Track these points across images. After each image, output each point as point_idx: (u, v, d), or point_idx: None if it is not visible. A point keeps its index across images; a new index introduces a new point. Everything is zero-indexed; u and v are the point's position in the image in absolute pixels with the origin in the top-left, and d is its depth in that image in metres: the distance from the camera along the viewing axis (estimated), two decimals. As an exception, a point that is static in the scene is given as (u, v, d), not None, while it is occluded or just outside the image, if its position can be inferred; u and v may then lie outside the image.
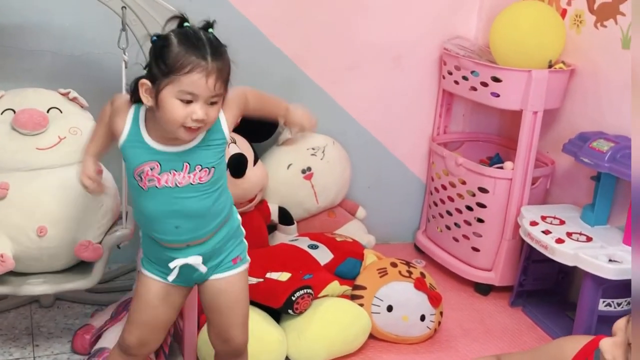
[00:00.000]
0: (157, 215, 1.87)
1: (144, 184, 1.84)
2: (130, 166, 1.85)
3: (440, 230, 3.33)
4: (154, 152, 1.82)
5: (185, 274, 1.94)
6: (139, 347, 2.02)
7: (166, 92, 1.73)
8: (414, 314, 2.68)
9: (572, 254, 2.60)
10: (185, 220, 1.87)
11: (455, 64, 3.19)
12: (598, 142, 2.71)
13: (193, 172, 1.83)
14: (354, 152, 3.34)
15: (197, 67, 1.70)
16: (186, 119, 1.73)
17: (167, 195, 1.84)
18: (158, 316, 2.00)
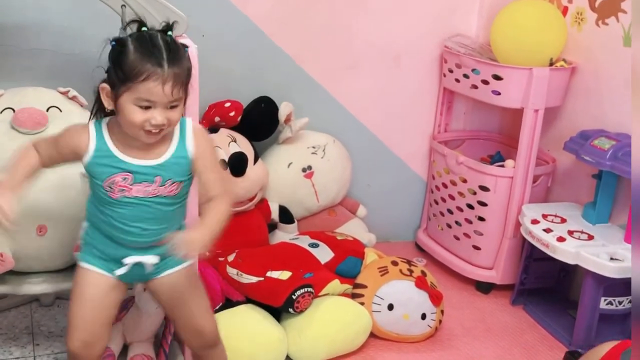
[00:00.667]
0: (124, 221, 1.86)
1: (114, 194, 1.83)
2: (100, 179, 1.84)
3: (441, 229, 3.32)
4: (126, 165, 1.83)
5: (133, 270, 1.93)
6: (84, 349, 1.95)
7: (124, 99, 1.73)
8: (415, 313, 2.67)
9: (574, 252, 2.59)
10: (152, 225, 1.88)
11: (456, 62, 3.18)
12: (599, 140, 2.70)
13: (164, 185, 1.85)
14: (354, 151, 3.33)
15: (152, 74, 1.70)
16: (145, 124, 1.74)
17: (137, 204, 1.85)
18: (101, 312, 1.95)
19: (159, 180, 1.84)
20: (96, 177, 1.85)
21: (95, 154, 1.83)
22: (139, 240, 1.90)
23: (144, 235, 1.89)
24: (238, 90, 2.99)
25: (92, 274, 1.95)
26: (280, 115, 3.04)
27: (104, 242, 1.93)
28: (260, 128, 3.06)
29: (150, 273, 1.98)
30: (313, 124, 3.15)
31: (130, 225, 1.87)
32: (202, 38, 2.04)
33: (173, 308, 2.04)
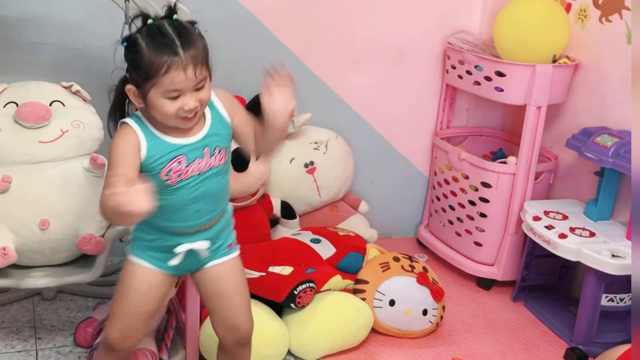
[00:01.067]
0: (180, 205, 1.86)
1: (172, 181, 1.83)
2: (157, 170, 1.82)
3: (443, 225, 3.33)
4: (178, 147, 1.83)
5: (186, 260, 1.94)
6: (121, 341, 1.97)
7: (152, 94, 1.74)
8: (416, 309, 2.68)
9: (575, 249, 2.60)
10: (205, 203, 1.88)
11: (459, 59, 3.18)
12: (602, 138, 2.70)
13: (213, 156, 1.87)
14: (357, 147, 3.33)
15: (172, 65, 1.70)
16: (179, 112, 1.75)
17: (192, 184, 1.85)
18: (145, 305, 1.96)
19: (207, 152, 1.85)
20: (155, 169, 1.83)
21: (149, 147, 1.82)
22: (192, 223, 1.89)
23: (198, 217, 1.89)
24: (241, 86, 2.99)
25: (141, 269, 1.95)
26: (283, 110, 3.04)
27: (150, 234, 1.92)
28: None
29: (202, 262, 1.97)
30: (316, 119, 3.15)
31: (185, 209, 1.87)
32: (205, 33, 2.04)
33: (214, 300, 2.03)
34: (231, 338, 2.07)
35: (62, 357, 2.49)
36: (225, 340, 2.09)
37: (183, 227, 1.90)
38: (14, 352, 2.51)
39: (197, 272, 2.02)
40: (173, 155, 1.83)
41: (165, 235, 1.92)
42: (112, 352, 2.00)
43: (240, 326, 2.04)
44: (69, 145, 2.39)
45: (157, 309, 2.04)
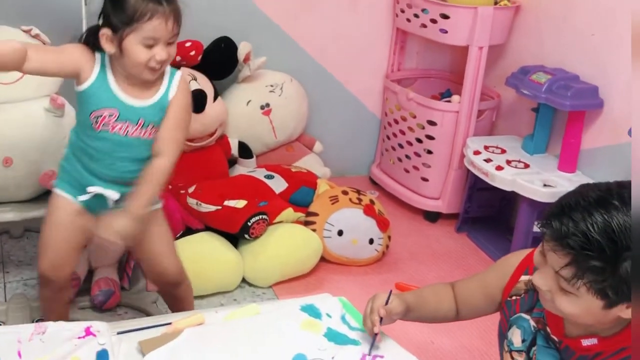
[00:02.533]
0: (100, 154, 1.97)
1: (97, 126, 1.93)
2: (89, 108, 1.93)
3: (393, 163, 3.50)
4: (117, 100, 1.93)
5: (96, 202, 2.02)
6: (53, 271, 2.07)
7: (129, 40, 1.84)
8: (363, 238, 2.86)
9: (510, 179, 2.78)
10: (124, 163, 1.98)
11: (407, 2, 3.31)
12: (537, 75, 2.86)
13: (145, 129, 1.95)
14: (311, 89, 3.46)
15: (156, 13, 1.82)
16: (150, 61, 1.86)
17: (116, 140, 1.95)
18: (68, 236, 2.06)
19: (141, 122, 1.94)
20: (87, 104, 1.93)
21: (95, 82, 1.92)
22: (106, 172, 2.00)
23: (111, 169, 1.99)
24: (198, 31, 3.07)
25: (62, 199, 2.06)
26: (239, 54, 3.16)
27: (76, 170, 2.03)
28: (220, 67, 3.18)
29: (112, 209, 2.05)
30: (271, 63, 3.28)
31: (102, 158, 1.97)
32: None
33: (137, 247, 2.14)
34: (162, 281, 2.21)
35: (29, 289, 2.64)
36: (158, 284, 2.25)
37: (97, 170, 1.99)
38: (-17, 285, 2.66)
39: None
40: (109, 104, 1.92)
41: (84, 171, 2.01)
42: (48, 284, 2.11)
43: (166, 269, 2.16)
44: (29, 86, 2.50)
45: (81, 240, 2.10)
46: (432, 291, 1.75)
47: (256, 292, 2.72)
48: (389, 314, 1.60)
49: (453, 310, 1.73)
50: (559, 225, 1.34)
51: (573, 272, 1.33)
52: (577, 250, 1.31)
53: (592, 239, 1.30)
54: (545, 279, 1.39)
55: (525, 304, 1.58)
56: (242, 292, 2.71)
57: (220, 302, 2.64)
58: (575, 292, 1.34)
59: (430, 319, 1.75)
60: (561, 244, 1.33)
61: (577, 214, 1.33)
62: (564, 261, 1.33)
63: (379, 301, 1.61)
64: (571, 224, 1.32)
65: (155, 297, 2.61)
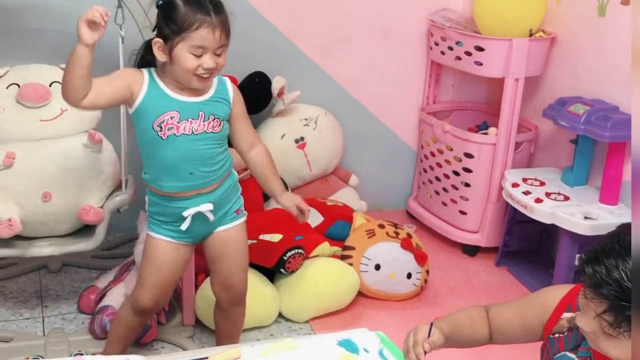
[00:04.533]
0: (174, 163, 2.05)
1: (164, 134, 2.02)
2: (151, 119, 2.02)
3: (430, 196, 3.47)
4: (174, 102, 2.03)
5: (196, 225, 2.12)
6: (153, 307, 2.22)
7: (179, 49, 1.96)
8: (401, 272, 2.82)
9: (550, 212, 2.74)
10: (198, 166, 2.06)
11: (441, 35, 3.31)
12: (575, 106, 2.83)
13: (207, 121, 2.05)
14: (346, 123, 3.47)
15: (204, 23, 1.94)
16: (198, 69, 1.97)
17: (184, 143, 2.04)
18: (169, 275, 2.19)
19: (202, 115, 2.04)
20: (146, 117, 2.02)
21: (147, 93, 2.02)
22: (189, 185, 2.07)
23: (192, 179, 2.07)
24: (233, 66, 3.08)
25: (158, 242, 2.15)
26: (273, 89, 3.18)
27: (159, 204, 2.12)
28: (254, 102, 3.19)
29: (213, 227, 2.16)
30: (305, 97, 3.29)
31: (178, 168, 2.05)
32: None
33: (215, 261, 2.23)
34: (226, 296, 2.27)
35: (67, 323, 2.65)
36: (221, 299, 2.29)
37: (180, 187, 2.07)
38: (22, 319, 2.67)
39: (208, 236, 2.20)
40: (167, 107, 2.01)
41: (169, 202, 2.10)
42: (143, 315, 2.23)
43: (235, 285, 2.25)
44: (68, 123, 2.54)
45: (181, 271, 2.25)
46: (466, 317, 1.71)
47: (293, 327, 2.70)
48: (432, 347, 1.57)
49: (487, 336, 1.70)
50: (592, 273, 1.31)
51: (612, 319, 1.30)
52: (612, 300, 1.28)
53: (626, 289, 1.26)
54: (588, 321, 1.36)
55: (570, 342, 1.54)
56: (278, 327, 2.69)
57: (257, 337, 2.62)
58: (617, 337, 1.31)
59: (464, 345, 1.72)
60: (596, 292, 1.30)
61: (611, 260, 1.29)
62: (602, 308, 1.30)
63: (421, 334, 1.58)
64: (604, 271, 1.29)
65: (192, 332, 2.60)
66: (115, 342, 2.28)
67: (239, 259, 2.24)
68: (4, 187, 2.41)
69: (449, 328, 1.64)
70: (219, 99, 2.09)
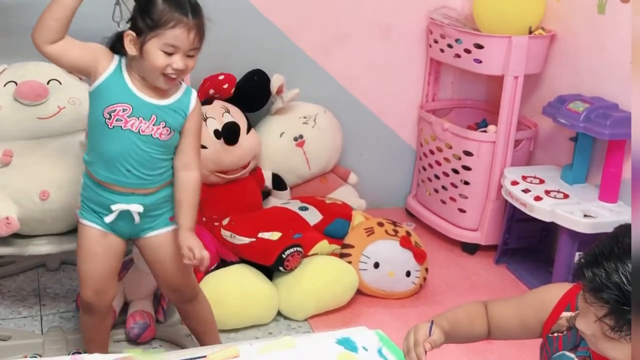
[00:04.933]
0: (114, 155, 2.02)
1: (111, 123, 1.99)
2: (104, 104, 2.00)
3: (429, 194, 3.46)
4: (131, 95, 2.00)
5: (122, 222, 2.10)
6: (96, 297, 2.16)
7: (151, 44, 1.93)
8: (400, 270, 2.82)
9: (549, 210, 2.73)
10: (137, 166, 2.04)
11: (440, 33, 3.30)
12: (574, 104, 2.82)
13: (157, 126, 2.02)
14: (345, 121, 3.45)
15: (180, 22, 1.92)
16: (167, 68, 1.94)
17: (128, 139, 2.01)
18: (104, 262, 2.15)
19: (153, 118, 2.01)
20: (101, 100, 2.00)
21: (109, 78, 2.00)
22: (124, 181, 2.04)
23: (128, 176, 2.04)
24: (231, 64, 3.12)
25: (89, 229, 2.13)
26: (272, 87, 3.17)
27: (95, 192, 2.09)
28: (253, 99, 3.19)
29: (140, 229, 2.13)
30: (304, 95, 3.28)
31: (118, 163, 2.02)
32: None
33: (154, 266, 2.22)
34: (175, 298, 2.28)
35: (65, 321, 2.65)
36: (172, 300, 2.33)
37: (114, 180, 2.05)
38: (20, 318, 2.67)
39: (139, 239, 2.18)
40: (123, 98, 1.99)
41: (102, 191, 2.07)
42: (92, 312, 2.19)
43: (180, 287, 2.23)
44: (66, 120, 2.53)
45: (116, 264, 2.20)
46: (465, 313, 1.70)
47: (291, 325, 2.69)
48: (433, 346, 1.56)
49: (485, 332, 1.70)
50: (592, 277, 1.30)
51: (613, 323, 1.29)
52: (613, 304, 1.27)
53: (627, 292, 1.25)
54: (588, 324, 1.35)
55: (569, 341, 1.53)
56: (277, 325, 2.68)
57: (255, 335, 2.61)
58: (618, 339, 1.30)
59: (463, 340, 1.71)
60: (596, 296, 1.29)
61: (611, 264, 1.28)
62: (603, 312, 1.29)
63: (422, 333, 1.57)
64: (604, 274, 1.28)
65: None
66: (87, 343, 2.28)
67: (176, 262, 2.16)
68: (1, 186, 2.40)
69: (449, 325, 1.63)
70: (177, 109, 2.05)
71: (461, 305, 1.75)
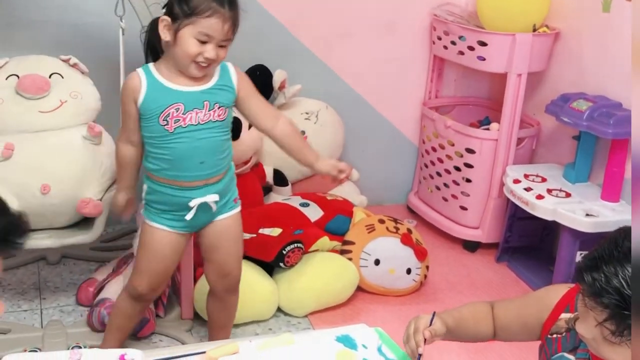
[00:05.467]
0: (185, 154, 2.04)
1: (170, 127, 2.01)
2: (156, 113, 2.01)
3: (431, 191, 3.45)
4: (177, 94, 2.02)
5: (198, 215, 2.11)
6: (150, 293, 2.22)
7: (185, 31, 1.95)
8: (401, 268, 2.81)
9: (551, 209, 2.72)
10: (208, 155, 2.06)
11: (444, 30, 3.29)
12: (578, 102, 2.81)
13: (212, 110, 2.04)
14: (348, 117, 3.44)
15: (216, 12, 1.94)
16: (198, 57, 1.96)
17: (192, 133, 2.03)
18: (166, 264, 2.19)
19: (207, 105, 2.03)
20: (153, 112, 2.01)
21: (148, 90, 2.02)
22: (198, 174, 2.06)
23: (202, 168, 2.06)
24: (234, 59, 3.09)
25: (156, 231, 2.14)
26: (275, 82, 3.16)
27: (162, 195, 2.10)
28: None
29: (212, 215, 2.15)
30: (306, 91, 3.27)
31: (189, 159, 2.04)
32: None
33: (212, 250, 2.22)
34: (222, 285, 2.27)
35: (65, 315, 2.65)
36: (217, 287, 2.29)
37: (190, 177, 2.06)
38: (20, 311, 2.67)
39: (206, 226, 2.18)
40: (171, 100, 2.01)
41: (175, 191, 2.08)
42: (139, 302, 2.23)
43: (231, 273, 2.25)
44: (67, 114, 2.52)
45: (178, 260, 2.25)
46: (471, 313, 1.69)
47: (292, 321, 2.69)
48: (433, 335, 1.55)
49: (491, 333, 1.69)
50: (591, 281, 1.28)
51: (613, 327, 1.27)
52: (613, 309, 1.26)
53: (626, 297, 1.24)
54: (588, 328, 1.34)
55: (568, 343, 1.52)
56: (277, 321, 2.68)
57: (255, 331, 2.61)
58: (619, 344, 1.29)
59: (468, 339, 1.71)
60: (596, 301, 1.28)
61: (610, 268, 1.26)
62: (603, 316, 1.28)
63: (423, 322, 1.57)
64: (604, 279, 1.26)
65: (190, 325, 2.59)
66: (114, 331, 2.28)
67: (235, 247, 2.24)
68: (2, 179, 2.39)
69: (454, 321, 1.63)
70: (222, 87, 2.07)
71: (467, 304, 1.74)
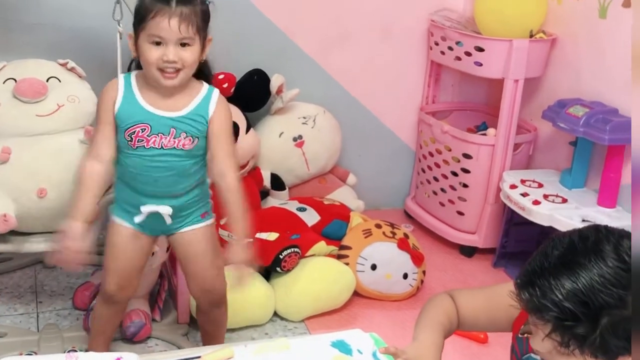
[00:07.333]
0: (140, 170, 2.03)
1: (134, 144, 2.00)
2: (123, 127, 2.00)
3: (428, 196, 3.46)
4: (146, 114, 1.99)
5: (152, 221, 2.09)
6: (118, 292, 2.17)
7: (141, 40, 1.93)
8: (397, 272, 2.81)
9: (548, 214, 2.73)
10: (165, 176, 2.03)
11: (441, 35, 3.29)
12: (574, 108, 2.82)
13: (178, 138, 2.00)
14: (345, 122, 3.45)
15: (160, 11, 1.89)
16: (159, 61, 1.91)
17: (153, 156, 2.00)
18: (130, 260, 2.15)
19: (173, 132, 1.99)
20: (122, 125, 1.99)
21: (123, 101, 1.99)
22: (152, 189, 2.04)
23: (156, 185, 2.04)
24: (231, 64, 3.11)
25: (118, 226, 2.13)
26: (272, 86, 3.17)
27: (126, 192, 2.09)
28: (252, 99, 3.19)
29: (171, 227, 2.12)
30: (304, 95, 3.28)
31: (144, 174, 2.02)
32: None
33: (188, 264, 2.19)
34: (205, 299, 2.23)
35: (62, 319, 2.65)
36: (201, 302, 2.26)
37: (144, 189, 2.05)
38: (16, 315, 2.66)
39: (171, 236, 2.17)
40: (139, 119, 1.98)
41: (132, 193, 2.08)
42: (111, 303, 2.20)
43: (212, 288, 2.19)
44: (65, 118, 2.52)
45: (142, 261, 2.20)
46: (446, 316, 1.68)
47: (288, 326, 2.69)
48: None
49: (455, 324, 1.69)
50: (528, 297, 1.28)
51: (560, 339, 1.27)
52: (554, 322, 1.26)
53: (563, 308, 1.24)
54: (539, 343, 1.33)
55: None
56: (273, 325, 2.68)
57: (251, 335, 2.61)
58: (571, 353, 1.28)
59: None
60: (537, 316, 1.28)
61: (544, 281, 1.27)
62: (548, 329, 1.28)
63: None
64: (539, 293, 1.26)
65: (186, 330, 2.59)
66: (95, 335, 2.28)
67: (210, 260, 2.16)
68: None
69: (444, 336, 1.63)
70: (195, 117, 2.00)
71: (436, 307, 1.71)
